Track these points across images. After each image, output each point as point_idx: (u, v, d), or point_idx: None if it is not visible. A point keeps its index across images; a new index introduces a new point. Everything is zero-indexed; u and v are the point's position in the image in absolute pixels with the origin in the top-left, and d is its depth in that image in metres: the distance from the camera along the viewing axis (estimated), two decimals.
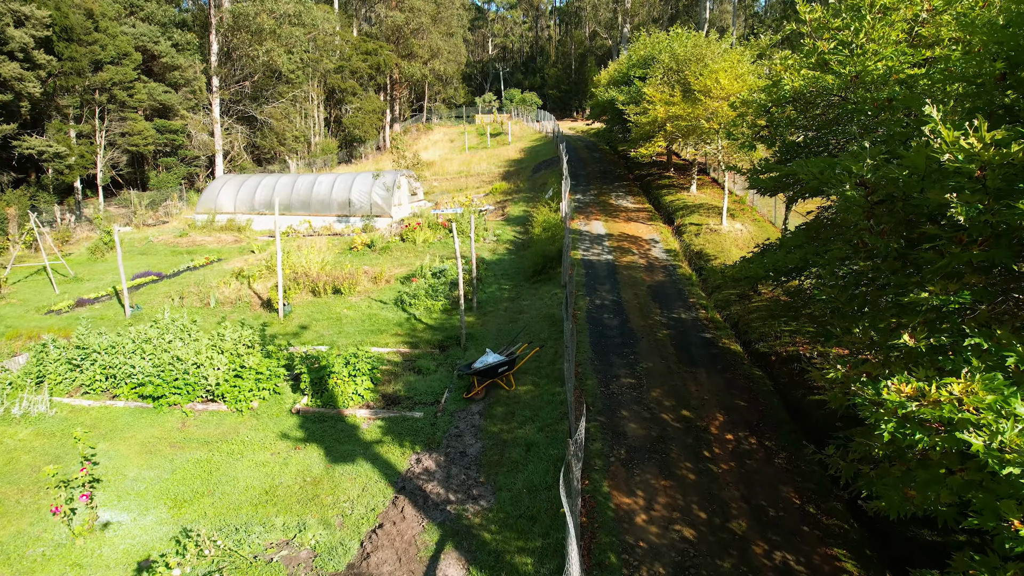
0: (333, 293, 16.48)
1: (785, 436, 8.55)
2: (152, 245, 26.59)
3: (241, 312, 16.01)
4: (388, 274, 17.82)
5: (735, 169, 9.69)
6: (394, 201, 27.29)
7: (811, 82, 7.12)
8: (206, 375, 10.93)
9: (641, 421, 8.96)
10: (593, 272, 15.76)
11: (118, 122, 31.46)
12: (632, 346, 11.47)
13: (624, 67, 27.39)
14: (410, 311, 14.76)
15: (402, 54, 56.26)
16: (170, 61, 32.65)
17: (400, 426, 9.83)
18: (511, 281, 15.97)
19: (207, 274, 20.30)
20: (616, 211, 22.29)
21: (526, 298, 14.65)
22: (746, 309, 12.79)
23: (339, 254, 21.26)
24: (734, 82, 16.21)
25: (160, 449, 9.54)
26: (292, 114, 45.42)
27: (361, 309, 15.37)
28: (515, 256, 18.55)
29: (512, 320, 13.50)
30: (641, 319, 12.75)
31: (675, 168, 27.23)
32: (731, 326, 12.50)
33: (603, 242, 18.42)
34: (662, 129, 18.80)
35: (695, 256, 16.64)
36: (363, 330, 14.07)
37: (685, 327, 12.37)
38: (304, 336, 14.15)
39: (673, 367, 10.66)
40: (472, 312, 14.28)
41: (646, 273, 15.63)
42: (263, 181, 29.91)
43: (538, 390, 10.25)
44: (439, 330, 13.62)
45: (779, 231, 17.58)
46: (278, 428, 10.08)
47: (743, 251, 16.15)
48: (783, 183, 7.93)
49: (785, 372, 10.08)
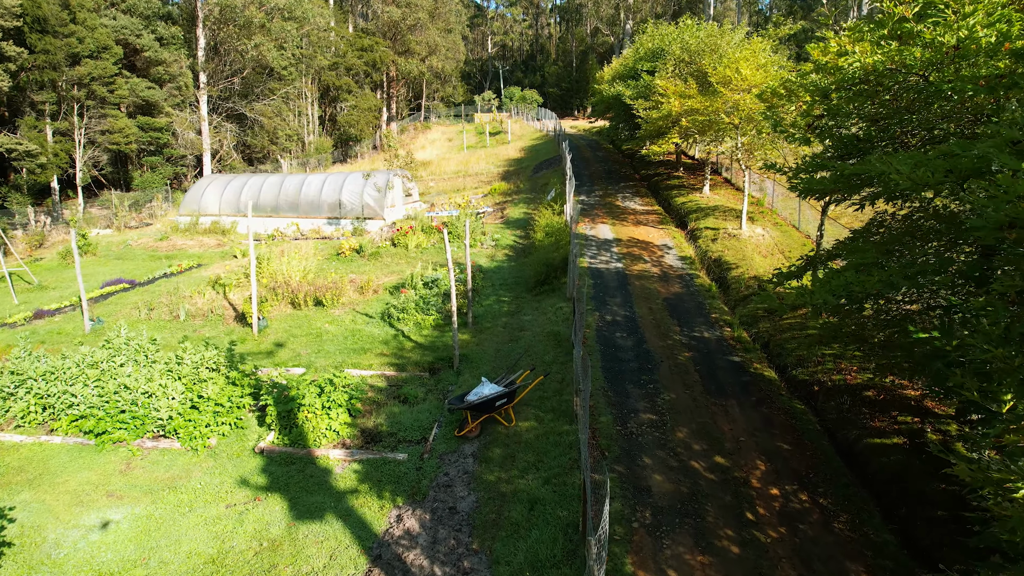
0: (315, 305, 14.98)
1: (842, 491, 7.05)
2: (130, 249, 25.10)
3: (213, 326, 14.51)
4: (376, 283, 16.32)
5: (773, 168, 8.19)
6: (387, 202, 25.81)
7: (891, 56, 5.61)
8: (158, 406, 9.42)
9: (668, 471, 7.45)
10: (602, 283, 14.26)
11: (98, 119, 29.94)
12: (650, 372, 9.97)
13: (630, 61, 25.91)
14: (398, 327, 13.26)
15: (399, 51, 54.79)
16: (153, 56, 31.14)
17: (380, 471, 8.33)
18: (511, 292, 14.46)
19: (183, 282, 18.80)
20: (624, 214, 20.79)
21: (527, 312, 13.15)
22: (777, 327, 11.29)
23: (325, 260, 19.75)
24: (756, 72, 14.73)
25: (95, 499, 8.03)
26: (285, 112, 43.93)
27: (344, 324, 13.87)
28: (515, 263, 17.05)
29: (512, 338, 11.99)
30: (659, 338, 11.25)
31: (684, 168, 25.73)
32: (761, 347, 11.00)
33: (611, 248, 16.92)
34: (676, 124, 17.32)
35: (713, 264, 15.14)
36: (345, 349, 12.57)
37: (709, 348, 10.87)
38: (279, 355, 12.64)
39: (699, 399, 9.16)
40: (467, 329, 12.77)
41: (660, 284, 14.13)
42: (249, 181, 28.42)
43: (542, 427, 8.75)
44: (430, 349, 12.11)
45: (804, 236, 16.09)
46: (238, 471, 8.58)
47: (767, 259, 14.66)
48: (847, 183, 6.42)
49: (832, 407, 8.58)
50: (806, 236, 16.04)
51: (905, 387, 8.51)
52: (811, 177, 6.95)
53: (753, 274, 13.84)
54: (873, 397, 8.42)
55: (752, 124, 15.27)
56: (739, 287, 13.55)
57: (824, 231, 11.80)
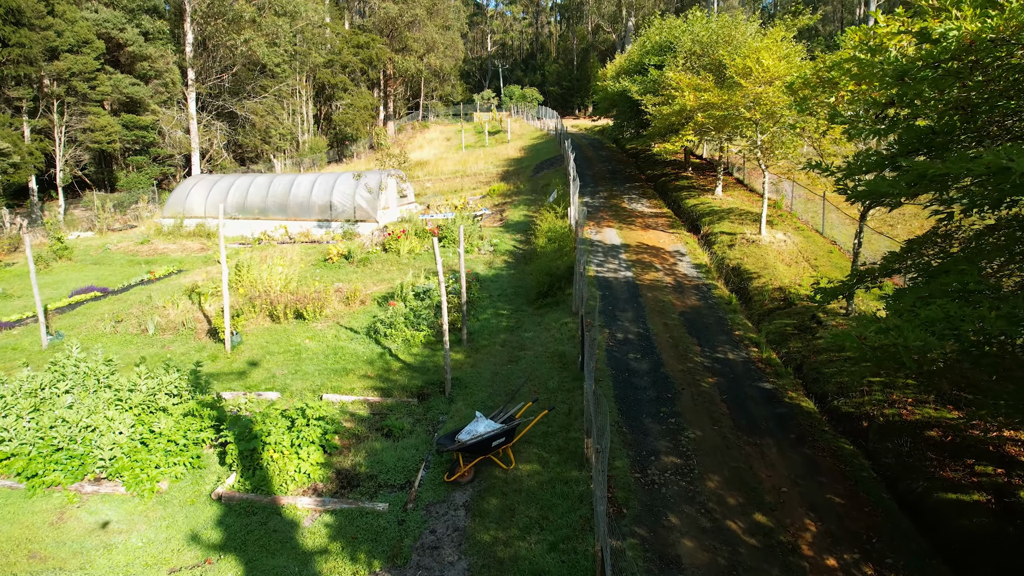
0: (295, 318, 13.68)
1: (916, 563, 5.76)
2: (109, 254, 23.81)
3: (183, 341, 13.22)
4: (364, 293, 15.02)
5: (818, 168, 6.91)
6: (380, 204, 24.52)
7: (1004, 21, 4.32)
8: (101, 443, 8.13)
9: (699, 534, 6.16)
10: (611, 294, 12.96)
11: (79, 117, 28.63)
12: (671, 402, 8.67)
13: (636, 55, 24.62)
14: (385, 344, 11.96)
15: (396, 48, 53.52)
16: (138, 51, 29.85)
17: (356, 524, 7.04)
18: (510, 305, 13.16)
19: (159, 290, 17.51)
20: (631, 217, 19.50)
21: (528, 328, 11.85)
22: (811, 347, 10.00)
23: (311, 266, 18.46)
24: (779, 63, 13.45)
25: (14, 562, 6.74)
26: (278, 110, 42.63)
27: (326, 340, 12.57)
28: (515, 271, 15.75)
29: (511, 359, 10.69)
30: (677, 360, 9.95)
31: (693, 168, 24.44)
32: (794, 370, 9.71)
33: (619, 254, 15.63)
34: (690, 120, 16.01)
35: (732, 273, 13.85)
36: (325, 369, 11.27)
37: (735, 372, 9.57)
38: (252, 376, 11.35)
39: (730, 436, 7.86)
40: (461, 347, 11.47)
41: (675, 295, 12.83)
42: (236, 182, 27.13)
43: (547, 472, 7.46)
44: (419, 371, 10.82)
45: (829, 242, 14.79)
46: (189, 524, 7.29)
47: (792, 267, 13.37)
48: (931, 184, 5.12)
49: (889, 450, 7.28)
50: (831, 242, 14.76)
51: (975, 425, 7.22)
52: (880, 178, 5.65)
53: (778, 285, 12.55)
54: (939, 438, 7.13)
55: (772, 120, 13.99)
56: (763, 299, 12.26)
57: (863, 238, 10.49)
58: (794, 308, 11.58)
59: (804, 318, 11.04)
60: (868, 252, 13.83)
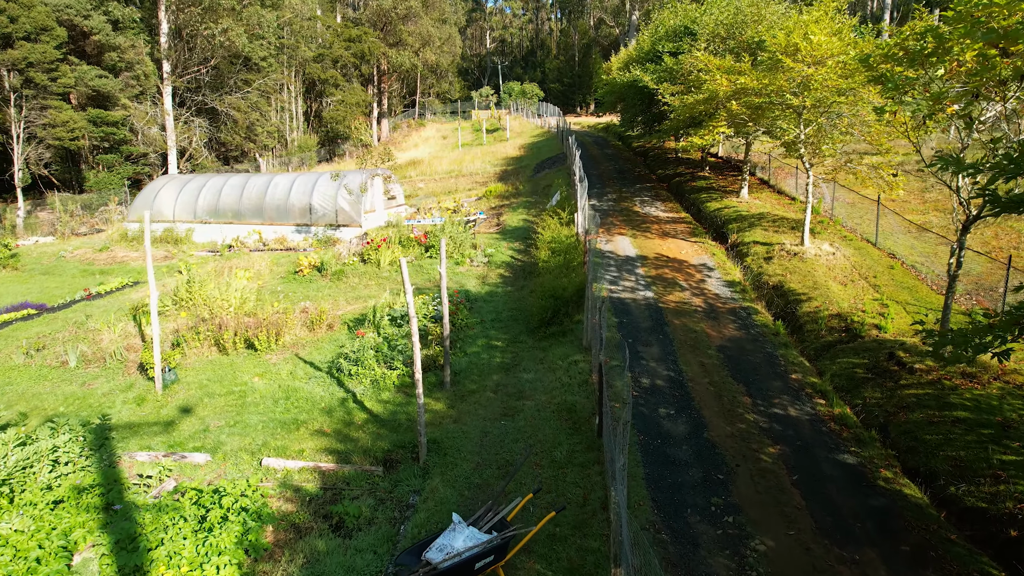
0: (247, 348, 11.32)
1: None
2: (63, 262, 21.45)
3: (110, 377, 10.87)
4: (333, 314, 12.67)
5: (949, 164, 4.57)
6: (365, 207, 22.16)
7: None
8: None
9: None
10: (629, 321, 10.60)
11: (39, 111, 26.25)
12: (723, 488, 6.31)
13: (647, 43, 22.24)
14: (349, 385, 9.60)
15: (390, 42, 51.10)
16: (105, 40, 27.50)
17: None
18: (506, 333, 10.78)
19: (103, 307, 15.15)
20: (645, 222, 17.14)
21: (528, 367, 9.47)
22: (896, 400, 7.63)
23: (280, 279, 16.09)
24: (831, 39, 11.10)
25: None
26: (264, 107, 40.27)
27: (279, 378, 10.21)
28: (512, 289, 13.38)
29: (505, 411, 8.33)
30: (723, 419, 7.59)
31: (711, 167, 22.06)
32: (879, 433, 7.33)
33: (635, 268, 13.27)
34: (720, 110, 13.56)
35: (773, 294, 11.50)
36: (271, 420, 8.92)
37: (802, 437, 7.21)
38: (181, 428, 9.00)
39: (814, 547, 5.50)
40: (443, 392, 9.10)
41: (709, 323, 10.46)
42: (209, 182, 24.77)
43: None
44: (388, 426, 8.46)
45: (887, 255, 12.42)
46: None
47: (847, 287, 11.01)
48: None
49: None
50: (888, 255, 12.39)
51: None
52: None
53: (835, 310, 10.19)
54: None
55: (821, 108, 11.61)
56: (817, 329, 9.90)
57: (963, 257, 8.11)
58: (861, 342, 9.23)
59: (877, 356, 8.68)
60: (935, 266, 11.47)
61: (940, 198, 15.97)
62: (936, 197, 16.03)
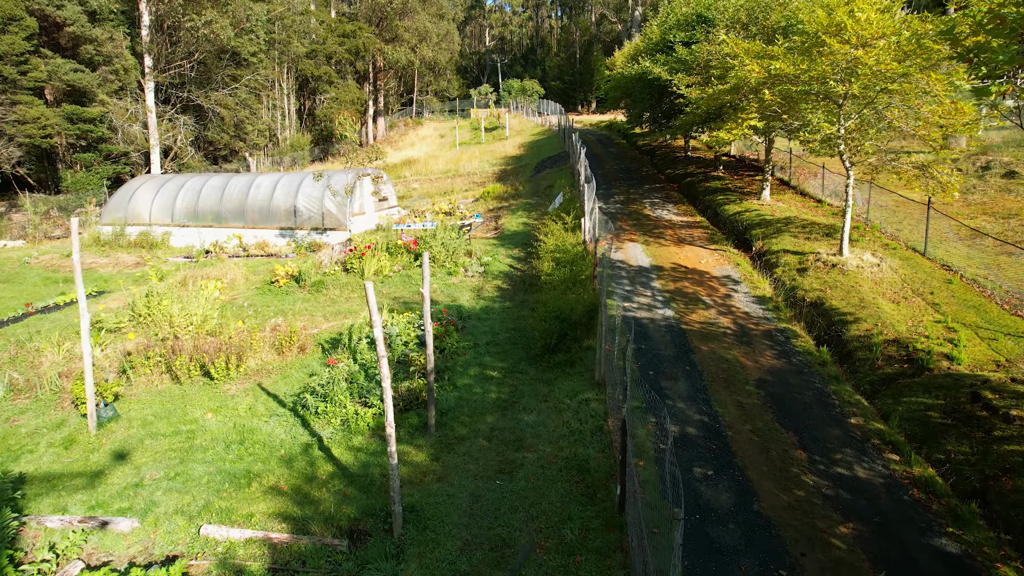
0: (202, 375, 9.75)
1: None
2: (26, 268, 19.89)
3: (41, 411, 9.29)
4: (306, 334, 11.10)
5: None
6: (353, 208, 20.63)
7: None
8: None
9: None
10: (648, 347, 9.02)
11: (8, 107, 24.68)
12: None
13: (656, 34, 20.67)
14: (315, 427, 8.03)
15: (386, 38, 49.52)
16: (81, 31, 25.94)
17: None
18: (503, 361, 9.20)
19: (58, 321, 13.59)
20: (657, 227, 15.57)
21: (530, 406, 7.89)
22: (995, 460, 6.06)
23: (255, 290, 14.52)
24: (880, 16, 9.55)
25: None
26: (254, 104, 38.66)
27: (236, 414, 8.65)
28: (511, 304, 11.80)
29: (502, 466, 6.76)
30: (775, 483, 6.02)
31: (725, 167, 20.50)
32: (978, 503, 5.76)
33: (651, 281, 11.70)
34: (753, 98, 11.90)
35: (812, 311, 9.94)
36: (220, 471, 7.35)
37: (881, 512, 5.64)
38: (111, 479, 7.44)
39: None
40: (425, 438, 7.53)
41: (742, 349, 8.89)
42: (188, 183, 23.21)
43: None
44: (359, 483, 6.90)
45: (940, 267, 10.84)
46: None
47: (900, 306, 9.44)
48: None
49: None
50: (943, 267, 10.82)
51: None
52: None
53: (891, 335, 8.62)
54: None
55: (869, 96, 10.04)
56: (872, 358, 8.34)
57: None
58: (930, 376, 7.67)
59: (956, 396, 7.12)
60: (1002, 280, 9.91)
61: (986, 200, 14.41)
62: (981, 200, 14.47)
